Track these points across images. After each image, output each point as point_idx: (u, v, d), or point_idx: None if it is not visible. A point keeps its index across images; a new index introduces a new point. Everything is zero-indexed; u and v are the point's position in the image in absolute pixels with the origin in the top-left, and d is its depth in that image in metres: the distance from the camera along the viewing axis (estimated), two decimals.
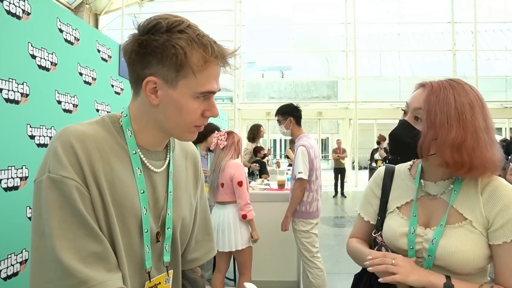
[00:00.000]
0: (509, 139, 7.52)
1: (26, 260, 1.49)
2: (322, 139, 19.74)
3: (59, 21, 1.77)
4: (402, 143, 0.97)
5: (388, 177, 1.11)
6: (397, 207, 1.04)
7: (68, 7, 11.23)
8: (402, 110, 1.02)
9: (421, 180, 1.01)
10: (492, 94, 13.41)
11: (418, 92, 0.97)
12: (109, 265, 0.67)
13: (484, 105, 0.92)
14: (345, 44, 13.36)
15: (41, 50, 1.62)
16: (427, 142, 0.91)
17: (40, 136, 1.58)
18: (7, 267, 1.38)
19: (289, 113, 2.87)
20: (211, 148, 2.79)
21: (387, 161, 6.38)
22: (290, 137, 2.99)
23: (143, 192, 0.75)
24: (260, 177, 4.87)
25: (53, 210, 0.64)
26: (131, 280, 0.74)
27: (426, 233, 0.95)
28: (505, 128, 14.36)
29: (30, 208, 1.48)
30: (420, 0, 14.98)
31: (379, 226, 1.07)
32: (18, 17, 1.47)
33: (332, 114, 14.56)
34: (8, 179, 1.40)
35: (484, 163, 0.89)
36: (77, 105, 1.90)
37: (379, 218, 1.08)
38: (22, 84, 1.49)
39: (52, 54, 1.70)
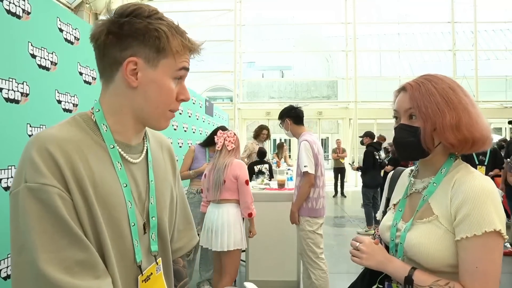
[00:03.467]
0: (509, 139, 7.52)
1: None
2: (322, 139, 19.73)
3: (59, 20, 1.77)
4: (406, 144, 0.99)
5: (395, 178, 1.19)
6: (393, 204, 1.12)
7: (68, 7, 11.22)
8: (394, 117, 1.05)
9: (411, 178, 1.08)
10: (492, 94, 13.42)
11: (401, 95, 1.02)
12: (97, 272, 0.65)
13: (460, 85, 1.00)
14: (345, 44, 13.35)
15: (41, 49, 1.62)
16: (428, 134, 0.95)
17: None
18: (7, 267, 1.38)
19: (286, 114, 2.94)
20: (217, 149, 2.74)
21: (389, 161, 6.37)
22: (292, 137, 3.00)
23: (126, 186, 0.75)
24: (272, 177, 4.91)
25: (32, 221, 0.61)
26: (124, 277, 0.73)
27: (403, 226, 1.01)
28: (505, 128, 14.36)
29: None
30: (420, 0, 14.98)
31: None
32: (18, 17, 1.47)
33: (332, 114, 14.56)
34: (8, 178, 1.40)
35: (482, 132, 0.94)
36: (77, 105, 1.90)
37: (382, 215, 1.17)
38: (22, 83, 1.49)
39: (52, 53, 1.70)
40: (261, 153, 5.38)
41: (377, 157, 5.76)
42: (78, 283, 0.61)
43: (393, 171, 1.24)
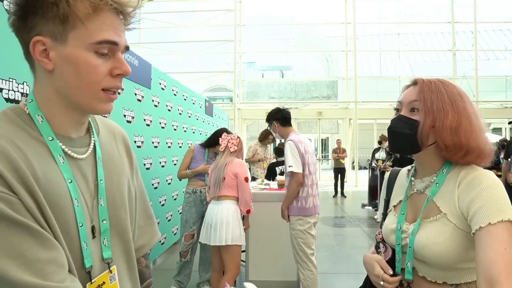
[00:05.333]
0: (509, 139, 7.52)
1: None
2: (322, 139, 19.75)
3: None
4: (401, 135, 0.99)
5: (392, 178, 1.18)
6: (394, 206, 1.11)
7: None
8: (395, 109, 1.05)
9: (412, 178, 1.07)
10: (492, 94, 13.43)
11: (410, 89, 1.02)
12: (67, 268, 0.60)
13: (468, 96, 0.99)
14: (345, 44, 13.36)
15: None
16: (426, 129, 0.95)
17: None
18: None
19: (272, 117, 2.97)
20: (220, 149, 2.82)
21: (391, 160, 6.37)
22: (281, 139, 3.05)
23: (71, 182, 0.66)
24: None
25: None
26: None
27: (409, 229, 1.00)
28: (505, 128, 14.37)
29: None
30: (420, 0, 14.99)
31: (382, 224, 1.14)
32: None
33: (332, 114, 14.57)
34: None
35: (479, 145, 0.94)
36: None
37: (382, 216, 1.16)
38: (22, 83, 1.49)
39: None
40: (280, 151, 5.41)
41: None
42: (55, 286, 0.56)
43: (390, 172, 1.23)
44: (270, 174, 5.55)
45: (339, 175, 9.69)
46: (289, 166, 2.73)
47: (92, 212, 0.71)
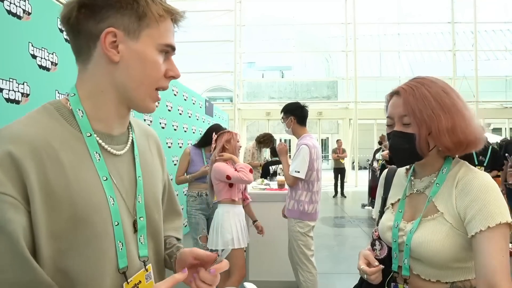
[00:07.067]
0: (509, 139, 7.52)
1: None
2: (322, 139, 19.74)
3: (60, 21, 1.78)
4: (402, 151, 1.00)
5: (390, 177, 1.18)
6: (391, 204, 1.12)
7: None
8: (388, 125, 1.05)
9: (412, 178, 1.08)
10: (492, 94, 13.43)
11: (395, 100, 1.01)
12: None
13: (452, 88, 1.00)
14: (345, 44, 13.36)
15: (41, 50, 1.62)
16: (423, 139, 0.95)
17: None
18: None
19: (291, 112, 2.82)
20: (210, 151, 2.81)
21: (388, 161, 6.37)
22: (292, 135, 2.95)
23: (106, 179, 0.65)
24: None
25: None
26: (106, 285, 0.64)
27: (406, 227, 1.01)
28: (505, 128, 14.36)
29: None
30: (420, 0, 14.99)
31: (379, 221, 1.15)
32: (19, 17, 1.47)
33: (332, 114, 14.57)
34: None
35: (476, 135, 0.96)
36: None
37: (379, 214, 1.16)
38: (23, 84, 1.49)
39: (52, 54, 1.70)
40: (275, 151, 5.39)
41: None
42: None
43: (386, 170, 1.23)
44: (265, 173, 5.49)
45: (339, 175, 9.69)
46: (295, 171, 2.66)
47: (132, 208, 0.71)
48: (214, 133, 2.87)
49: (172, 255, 0.84)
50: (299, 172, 2.66)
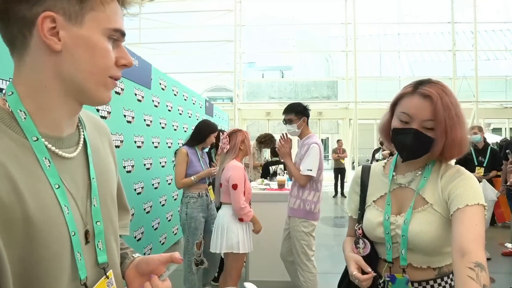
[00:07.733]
0: (509, 139, 7.53)
1: None
2: (322, 139, 19.75)
3: None
4: (418, 151, 1.05)
5: (365, 175, 1.22)
6: (373, 201, 1.16)
7: None
8: (402, 121, 1.04)
9: (394, 173, 1.13)
10: (492, 94, 13.41)
11: (421, 102, 1.01)
12: None
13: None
14: (345, 44, 13.35)
15: None
16: (440, 146, 1.01)
17: None
18: None
19: (303, 113, 2.84)
20: (219, 152, 2.74)
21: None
22: (297, 136, 2.95)
23: (59, 187, 0.58)
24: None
25: None
26: None
27: (397, 220, 1.07)
28: (505, 128, 14.36)
29: None
30: (420, 0, 14.99)
31: (359, 220, 1.19)
32: None
33: (332, 114, 14.57)
34: None
35: (467, 142, 1.04)
36: None
37: (359, 212, 1.20)
38: None
39: None
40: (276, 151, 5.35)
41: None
42: None
43: (361, 168, 1.26)
44: (265, 173, 5.48)
45: (339, 175, 9.71)
46: (308, 170, 2.66)
47: (86, 215, 0.64)
48: (221, 133, 2.83)
49: (125, 256, 0.80)
50: (311, 170, 2.67)
